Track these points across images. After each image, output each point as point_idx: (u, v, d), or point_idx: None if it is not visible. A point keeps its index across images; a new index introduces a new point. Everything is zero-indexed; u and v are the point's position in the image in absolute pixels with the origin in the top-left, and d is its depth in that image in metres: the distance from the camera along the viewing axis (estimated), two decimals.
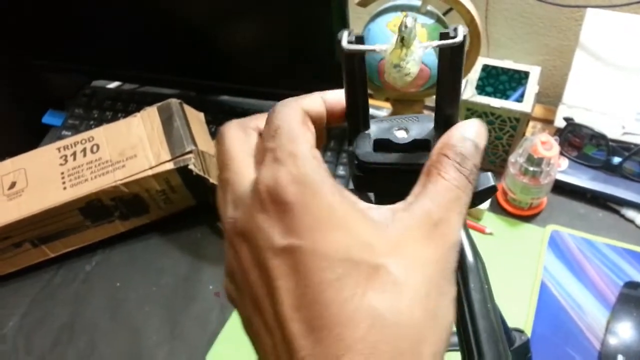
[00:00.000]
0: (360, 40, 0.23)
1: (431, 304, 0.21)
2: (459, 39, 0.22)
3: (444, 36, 0.23)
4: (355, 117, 0.27)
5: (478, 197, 0.27)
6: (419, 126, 0.28)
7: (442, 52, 0.24)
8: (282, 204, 0.21)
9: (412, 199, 0.23)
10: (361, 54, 0.24)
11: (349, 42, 0.23)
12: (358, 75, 0.25)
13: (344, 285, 0.20)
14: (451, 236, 0.22)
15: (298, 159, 0.22)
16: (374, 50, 0.24)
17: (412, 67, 0.24)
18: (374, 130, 0.28)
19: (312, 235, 0.21)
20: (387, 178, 0.27)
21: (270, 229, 0.22)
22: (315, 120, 0.26)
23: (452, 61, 0.24)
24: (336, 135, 0.80)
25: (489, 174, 0.27)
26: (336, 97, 0.27)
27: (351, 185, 0.29)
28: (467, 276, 0.29)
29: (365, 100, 0.27)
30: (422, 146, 0.27)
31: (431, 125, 0.28)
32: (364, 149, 0.27)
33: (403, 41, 0.23)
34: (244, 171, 0.25)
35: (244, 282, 0.23)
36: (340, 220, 0.21)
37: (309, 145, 0.23)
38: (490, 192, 0.27)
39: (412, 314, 0.20)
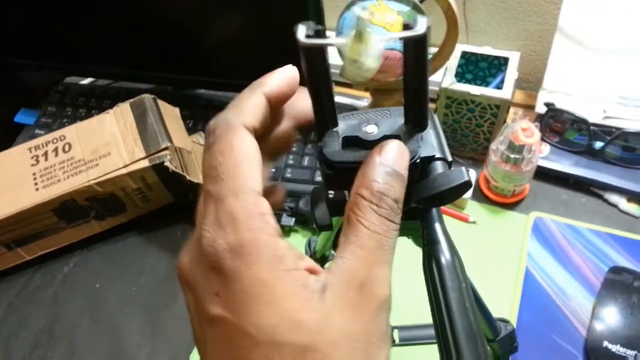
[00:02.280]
0: (319, 33, 0.22)
1: None
2: (421, 30, 0.21)
3: (407, 27, 0.22)
4: (320, 113, 0.26)
5: (452, 194, 0.26)
6: (390, 121, 0.27)
7: (406, 44, 0.23)
8: (219, 273, 0.21)
9: (339, 254, 0.22)
10: (321, 48, 0.23)
11: (307, 36, 0.22)
12: (320, 70, 0.24)
13: None
14: (379, 293, 0.22)
15: (237, 223, 0.21)
16: (332, 44, 0.22)
17: (371, 62, 0.22)
18: (342, 127, 0.27)
19: (241, 310, 0.20)
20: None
21: (207, 294, 0.21)
22: (258, 124, 0.25)
23: (416, 54, 0.23)
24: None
25: (463, 169, 0.26)
26: (276, 84, 0.26)
27: (319, 177, 0.28)
28: (444, 275, 0.28)
29: (330, 96, 0.26)
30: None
31: (402, 119, 0.27)
32: (332, 147, 0.26)
33: (359, 35, 0.22)
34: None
35: (191, 313, 0.23)
36: (270, 295, 0.20)
37: (253, 199, 0.22)
38: (464, 188, 0.26)
39: None
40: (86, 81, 0.94)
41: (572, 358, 0.58)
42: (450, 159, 0.27)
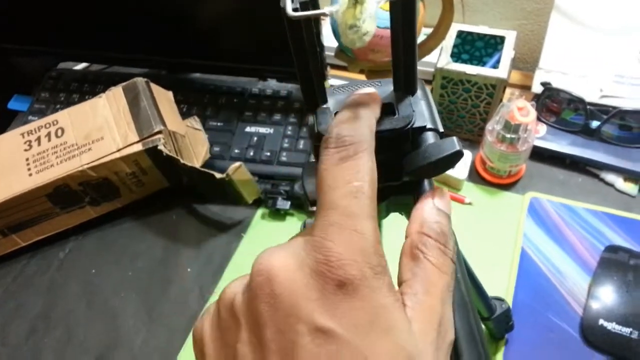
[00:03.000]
0: (306, 5, 0.21)
1: None
2: None
3: None
4: (309, 90, 0.26)
5: (444, 164, 0.26)
6: (380, 90, 0.27)
7: (393, 6, 0.22)
8: (342, 287, 0.19)
9: (411, 291, 0.21)
10: (308, 20, 0.22)
11: (294, 10, 0.21)
12: (308, 44, 0.23)
13: None
14: (450, 333, 0.21)
15: (373, 245, 0.20)
16: (324, 14, 0.22)
17: (368, 25, 0.22)
18: (333, 103, 0.27)
19: (357, 330, 0.19)
20: None
21: (311, 305, 0.19)
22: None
23: (404, 16, 0.23)
24: (297, 110, 0.78)
25: (454, 138, 0.26)
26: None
27: (312, 158, 0.28)
28: None
29: (320, 71, 0.25)
30: (386, 110, 0.26)
31: (392, 87, 0.27)
32: (327, 124, 0.26)
33: None
34: None
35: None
36: (390, 323, 0.19)
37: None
38: (456, 157, 0.26)
39: None
40: (80, 66, 0.94)
41: (568, 336, 0.58)
42: (442, 129, 0.27)
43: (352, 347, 0.18)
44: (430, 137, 0.26)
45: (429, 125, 0.26)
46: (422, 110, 0.27)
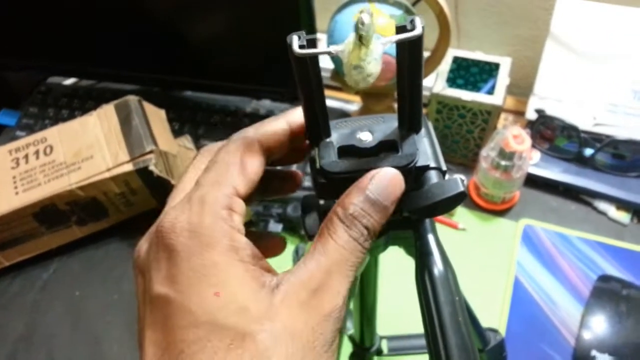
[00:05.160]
0: (312, 42, 0.22)
1: None
2: (418, 31, 0.21)
3: (400, 30, 0.21)
4: (314, 124, 0.26)
5: (447, 204, 0.25)
6: (384, 126, 0.27)
7: (400, 46, 0.22)
8: (171, 251, 0.21)
9: (301, 261, 0.23)
10: (314, 57, 0.22)
11: (301, 47, 0.21)
12: (313, 79, 0.23)
13: (202, 349, 0.20)
14: (331, 301, 0.22)
15: (205, 206, 0.22)
16: (330, 53, 0.22)
17: (373, 67, 0.22)
18: (336, 137, 0.26)
19: (186, 290, 0.21)
20: (353, 182, 0.25)
21: (155, 274, 0.21)
22: (275, 146, 0.26)
23: (411, 55, 0.22)
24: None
25: (458, 178, 0.25)
26: (300, 116, 0.27)
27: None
28: (437, 288, 0.28)
29: (323, 105, 0.25)
30: (389, 147, 0.26)
31: (396, 123, 0.26)
32: (329, 158, 0.25)
33: (361, 39, 0.21)
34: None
35: (138, 301, 0.23)
36: (220, 279, 0.21)
37: (228, 192, 0.23)
38: (459, 198, 0.25)
39: None
40: (69, 81, 0.92)
41: None
42: (444, 168, 0.26)
43: (181, 305, 0.20)
44: (433, 177, 0.26)
45: (432, 164, 0.26)
46: (425, 148, 0.26)
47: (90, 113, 0.68)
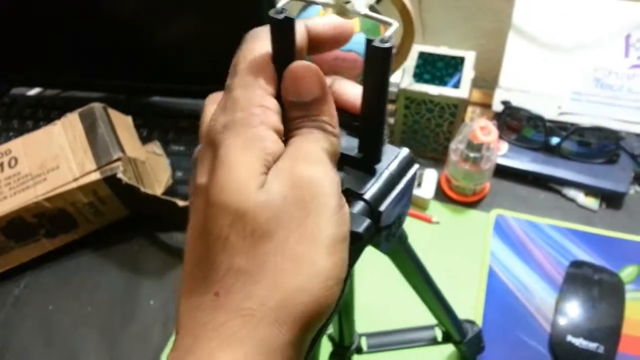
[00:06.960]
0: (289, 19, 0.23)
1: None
2: (388, 44, 0.21)
3: (370, 42, 0.22)
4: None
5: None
6: (344, 141, 0.26)
7: (372, 55, 0.22)
8: (211, 145, 0.23)
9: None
10: (292, 24, 0.23)
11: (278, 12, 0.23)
12: (289, 50, 0.24)
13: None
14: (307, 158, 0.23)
15: (236, 104, 0.23)
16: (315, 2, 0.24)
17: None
18: None
19: (212, 175, 0.22)
20: None
21: (200, 168, 0.24)
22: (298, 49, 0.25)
23: (379, 68, 0.23)
24: None
25: (365, 220, 0.24)
26: (321, 23, 0.26)
27: None
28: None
29: None
30: (348, 162, 0.26)
31: (353, 142, 0.26)
32: None
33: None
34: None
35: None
36: (231, 162, 0.22)
37: (263, 88, 0.24)
38: (353, 237, 0.24)
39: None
40: (33, 92, 0.90)
41: (537, 354, 0.58)
42: (379, 207, 0.25)
43: (207, 190, 0.22)
44: (355, 205, 0.25)
45: (362, 193, 0.25)
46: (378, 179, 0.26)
47: (55, 122, 0.66)
